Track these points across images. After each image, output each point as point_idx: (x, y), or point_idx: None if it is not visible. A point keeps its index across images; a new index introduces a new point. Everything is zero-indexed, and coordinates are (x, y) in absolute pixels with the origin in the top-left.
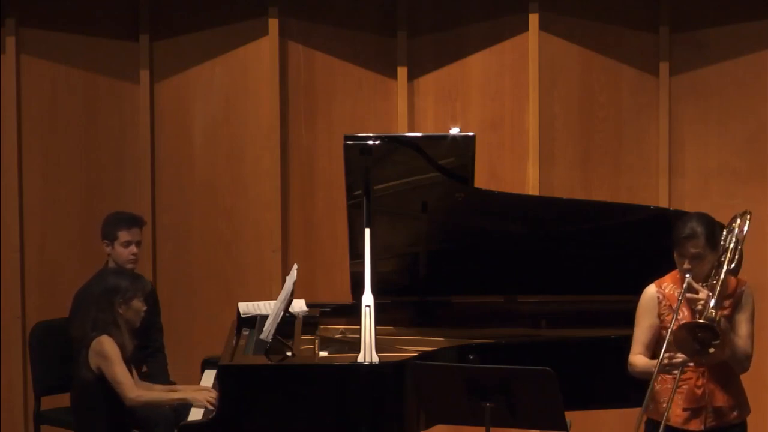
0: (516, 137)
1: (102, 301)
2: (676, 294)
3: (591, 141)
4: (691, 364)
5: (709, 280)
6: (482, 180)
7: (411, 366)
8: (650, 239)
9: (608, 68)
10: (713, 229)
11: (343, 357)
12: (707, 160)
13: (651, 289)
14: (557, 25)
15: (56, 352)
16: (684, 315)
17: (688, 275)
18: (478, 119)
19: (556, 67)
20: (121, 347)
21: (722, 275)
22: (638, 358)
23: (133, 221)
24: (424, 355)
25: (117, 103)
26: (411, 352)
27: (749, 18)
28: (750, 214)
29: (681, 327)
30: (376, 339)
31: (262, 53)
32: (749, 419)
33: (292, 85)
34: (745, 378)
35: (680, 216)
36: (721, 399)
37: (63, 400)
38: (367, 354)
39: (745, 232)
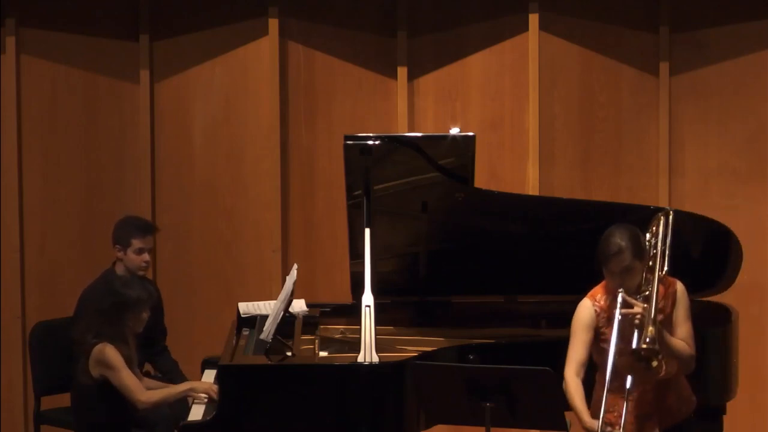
0: (516, 137)
1: (112, 314)
2: (611, 305)
3: (591, 141)
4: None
5: (642, 288)
6: (482, 180)
7: (411, 366)
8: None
9: (608, 68)
10: (638, 240)
11: (343, 357)
12: (707, 160)
13: (586, 303)
14: (557, 25)
15: (56, 352)
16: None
17: (621, 290)
18: (478, 119)
19: (556, 67)
20: (127, 359)
21: (655, 283)
22: (574, 386)
23: (147, 229)
24: (424, 355)
25: (117, 103)
26: (411, 352)
27: (749, 18)
28: (671, 211)
29: (625, 355)
30: (376, 339)
31: (262, 53)
32: (750, 419)
33: (292, 85)
34: (744, 377)
35: (607, 235)
36: (670, 399)
37: (63, 400)
38: (367, 354)
39: (669, 232)
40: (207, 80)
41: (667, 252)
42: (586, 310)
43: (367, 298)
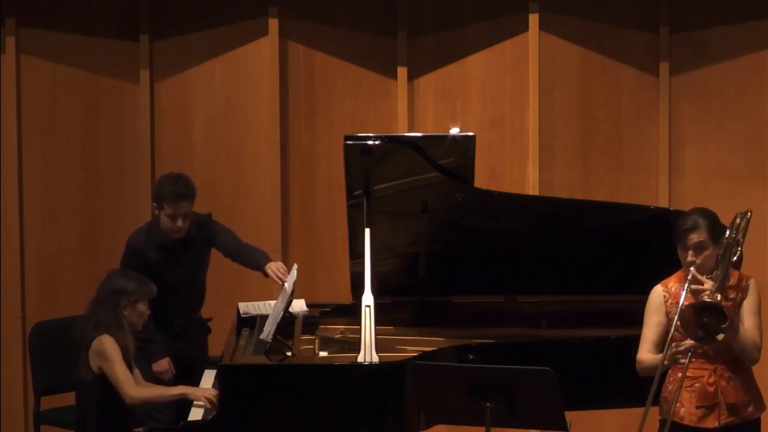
0: (516, 137)
1: (108, 302)
2: (681, 291)
3: (591, 141)
4: (700, 350)
5: (713, 274)
6: (482, 180)
7: (411, 366)
8: (650, 239)
9: (608, 68)
10: (715, 221)
11: (343, 357)
12: (707, 160)
13: (657, 289)
14: (557, 25)
15: (56, 352)
16: None
17: (692, 267)
18: (478, 119)
19: (556, 67)
20: (123, 348)
21: (726, 266)
22: (646, 355)
23: (180, 196)
24: (424, 355)
25: (117, 104)
26: (411, 352)
27: (749, 18)
28: (751, 213)
29: (686, 307)
30: (376, 339)
31: (262, 53)
32: None
33: (292, 85)
34: None
35: (681, 214)
36: (733, 395)
37: (63, 400)
38: (367, 354)
39: (746, 230)
40: (207, 80)
41: (741, 245)
42: (656, 295)
43: (367, 298)
